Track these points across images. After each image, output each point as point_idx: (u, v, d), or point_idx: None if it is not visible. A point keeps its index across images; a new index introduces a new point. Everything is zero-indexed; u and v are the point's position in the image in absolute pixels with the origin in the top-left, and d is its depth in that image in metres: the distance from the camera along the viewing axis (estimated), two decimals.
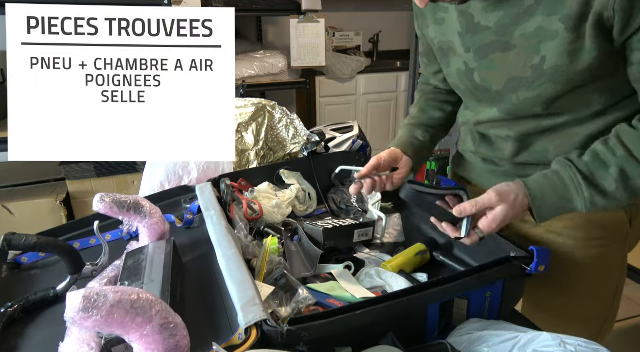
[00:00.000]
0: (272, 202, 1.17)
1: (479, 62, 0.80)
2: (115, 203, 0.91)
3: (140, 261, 0.84)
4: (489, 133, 0.90)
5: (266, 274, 0.87)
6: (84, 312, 0.53)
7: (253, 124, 1.47)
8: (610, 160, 0.69)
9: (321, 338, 0.65)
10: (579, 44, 0.68)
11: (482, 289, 0.76)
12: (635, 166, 0.68)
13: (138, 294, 0.58)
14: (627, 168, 0.68)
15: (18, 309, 0.79)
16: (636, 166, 0.68)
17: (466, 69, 0.84)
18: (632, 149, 0.68)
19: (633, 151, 0.68)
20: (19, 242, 0.81)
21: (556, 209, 0.73)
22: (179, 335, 0.61)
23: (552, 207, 0.73)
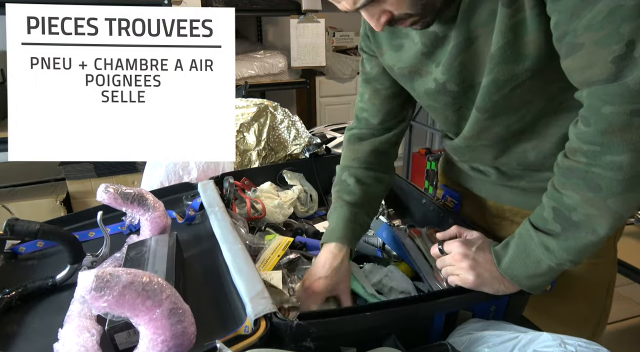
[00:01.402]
0: (274, 202, 1.17)
1: (449, 73, 0.77)
2: (119, 194, 0.91)
3: (143, 252, 0.84)
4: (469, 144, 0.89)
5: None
6: (96, 291, 0.54)
7: (255, 125, 1.47)
8: (544, 200, 0.68)
9: (328, 336, 0.66)
10: (519, 17, 0.65)
11: (487, 302, 0.76)
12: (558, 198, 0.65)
13: (150, 277, 0.58)
14: (555, 202, 0.65)
15: (15, 296, 0.79)
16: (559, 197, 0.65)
17: (436, 85, 0.81)
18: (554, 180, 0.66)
19: (555, 183, 0.66)
20: (22, 228, 0.80)
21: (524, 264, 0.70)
22: (187, 321, 0.61)
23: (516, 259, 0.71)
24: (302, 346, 0.64)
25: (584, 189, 0.62)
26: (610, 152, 0.58)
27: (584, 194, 0.62)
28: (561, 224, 0.65)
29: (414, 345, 0.70)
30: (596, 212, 0.62)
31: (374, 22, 0.70)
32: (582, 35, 0.58)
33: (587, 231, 0.63)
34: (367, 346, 0.68)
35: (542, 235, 0.67)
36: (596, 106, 0.58)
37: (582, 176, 0.62)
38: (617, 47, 0.55)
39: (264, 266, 0.89)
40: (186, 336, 0.61)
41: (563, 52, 0.63)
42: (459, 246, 0.77)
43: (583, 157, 0.61)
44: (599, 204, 0.61)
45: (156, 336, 0.59)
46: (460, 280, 0.75)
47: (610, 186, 0.60)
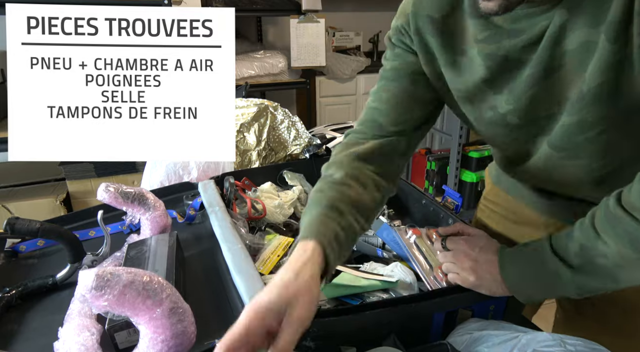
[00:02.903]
0: (275, 202, 1.17)
1: (515, 104, 0.67)
2: (120, 193, 0.91)
3: (143, 251, 0.84)
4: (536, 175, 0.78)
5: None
6: (97, 290, 0.54)
7: (255, 125, 1.47)
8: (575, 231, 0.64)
9: (328, 335, 0.66)
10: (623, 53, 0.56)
11: (487, 302, 0.77)
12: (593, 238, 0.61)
13: (150, 276, 0.58)
14: (586, 241, 0.62)
15: (15, 295, 0.79)
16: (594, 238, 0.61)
17: (495, 114, 0.70)
18: (595, 219, 0.62)
19: (595, 222, 0.62)
20: (22, 226, 0.81)
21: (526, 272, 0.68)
22: (187, 321, 0.61)
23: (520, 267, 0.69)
24: (302, 345, 0.65)
25: (626, 243, 0.58)
26: None
27: (623, 247, 0.58)
28: (583, 260, 0.62)
29: (413, 344, 0.70)
30: (626, 265, 0.59)
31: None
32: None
33: (608, 278, 0.61)
34: (367, 345, 0.68)
35: (559, 264, 0.64)
36: None
37: (629, 231, 0.57)
38: None
39: (264, 265, 0.89)
40: (186, 335, 0.61)
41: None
42: (463, 244, 0.76)
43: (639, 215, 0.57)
44: (634, 261, 0.58)
45: (156, 335, 0.59)
46: (460, 279, 0.74)
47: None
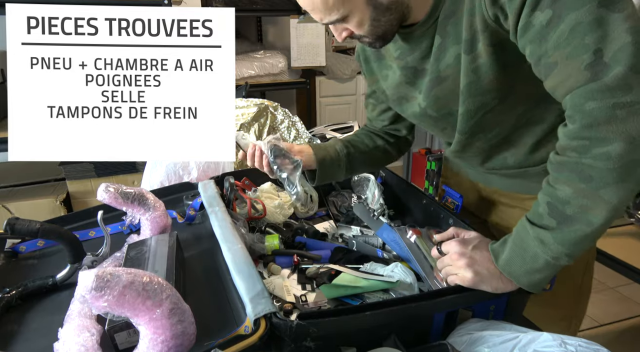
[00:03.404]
0: (275, 202, 1.17)
1: (427, 101, 0.89)
2: (119, 194, 0.91)
3: (143, 252, 0.84)
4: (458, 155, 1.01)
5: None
6: (97, 291, 0.54)
7: (255, 125, 1.47)
8: (539, 196, 0.70)
9: (328, 335, 0.66)
10: (477, 63, 0.76)
11: (487, 302, 0.76)
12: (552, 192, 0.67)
13: (150, 277, 0.58)
14: (549, 197, 0.67)
15: (16, 295, 0.79)
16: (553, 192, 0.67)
17: (420, 109, 0.92)
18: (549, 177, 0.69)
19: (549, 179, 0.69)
20: (22, 227, 0.80)
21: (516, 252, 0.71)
22: (187, 321, 0.61)
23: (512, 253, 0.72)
24: (302, 345, 0.65)
25: (576, 181, 0.64)
26: (598, 145, 0.61)
27: (576, 186, 0.64)
28: (556, 218, 0.66)
29: (414, 345, 0.70)
30: (589, 203, 0.63)
31: (337, 34, 0.84)
32: (553, 55, 0.64)
33: (582, 223, 0.65)
34: (367, 346, 0.68)
35: (538, 230, 0.68)
36: (579, 104, 0.62)
37: (573, 169, 0.64)
38: (587, 56, 0.61)
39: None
40: (186, 336, 0.61)
41: (542, 74, 0.69)
42: (456, 245, 0.78)
43: (573, 152, 0.64)
44: (592, 194, 0.63)
45: (156, 336, 0.59)
46: (459, 279, 0.75)
47: (601, 176, 0.62)
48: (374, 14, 0.77)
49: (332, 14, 0.77)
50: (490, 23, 0.71)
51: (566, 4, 0.62)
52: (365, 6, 0.76)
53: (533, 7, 0.64)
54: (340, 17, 0.77)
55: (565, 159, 0.65)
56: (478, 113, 0.84)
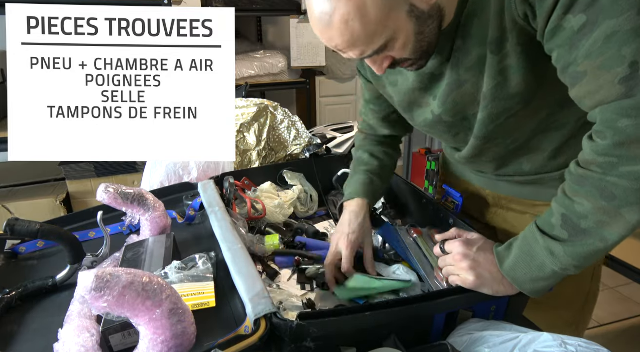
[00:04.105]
0: (275, 202, 1.17)
1: (444, 107, 0.83)
2: (119, 194, 0.91)
3: (140, 253, 0.84)
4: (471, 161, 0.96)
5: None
6: (96, 291, 0.54)
7: (255, 125, 1.47)
8: (553, 206, 0.68)
9: (328, 335, 0.66)
10: (505, 63, 0.71)
11: (488, 302, 0.76)
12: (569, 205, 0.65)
13: (150, 277, 0.58)
14: (565, 209, 0.66)
15: (16, 296, 0.79)
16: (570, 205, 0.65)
17: (433, 116, 0.87)
18: (566, 187, 0.67)
19: (566, 190, 0.67)
20: (22, 227, 0.80)
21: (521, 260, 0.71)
22: (187, 322, 0.61)
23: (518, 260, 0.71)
24: (302, 346, 0.64)
25: (597, 197, 0.62)
26: (627, 163, 0.59)
27: (597, 202, 0.62)
28: (569, 230, 0.65)
29: (414, 345, 0.70)
30: (608, 220, 0.62)
31: (376, 68, 0.74)
32: (583, 63, 0.60)
33: (596, 238, 0.63)
34: (367, 346, 0.68)
35: (548, 240, 0.67)
36: (612, 120, 0.59)
37: (596, 185, 0.62)
38: (621, 69, 0.57)
39: None
40: (186, 336, 0.61)
41: (568, 82, 0.65)
42: (460, 245, 0.77)
43: (598, 168, 0.62)
44: (612, 212, 0.61)
45: (156, 336, 0.59)
46: (460, 280, 0.75)
47: (625, 195, 0.60)
48: (417, 26, 0.68)
49: (374, 40, 0.67)
50: (519, 21, 0.66)
51: (602, 10, 0.57)
52: (408, 20, 0.66)
53: (565, 10, 0.60)
54: (384, 43, 0.68)
55: (588, 174, 0.63)
56: (500, 117, 0.78)
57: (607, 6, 0.56)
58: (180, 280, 0.76)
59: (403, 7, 0.65)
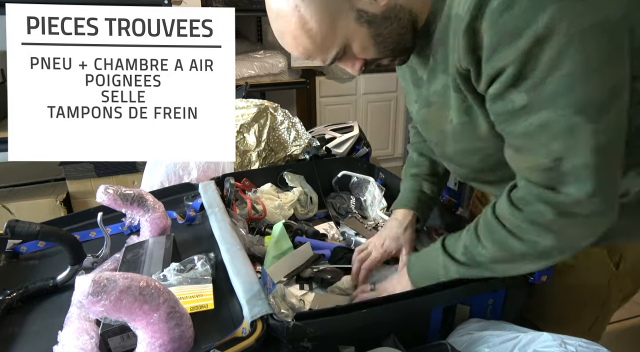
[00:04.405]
0: (275, 203, 1.17)
1: (418, 115, 0.85)
2: (119, 195, 0.91)
3: (139, 254, 0.84)
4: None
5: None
6: (93, 296, 0.54)
7: (255, 125, 1.47)
8: (462, 234, 0.76)
9: (326, 335, 0.66)
10: (468, 103, 0.70)
11: (484, 295, 0.77)
12: (475, 243, 0.72)
13: (147, 281, 0.58)
14: (469, 244, 0.73)
15: (16, 297, 0.79)
16: (476, 243, 0.72)
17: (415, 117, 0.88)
18: (478, 226, 0.73)
19: (478, 229, 0.73)
20: (22, 229, 0.80)
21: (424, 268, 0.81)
22: (184, 325, 0.61)
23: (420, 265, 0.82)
24: (299, 346, 0.64)
25: (499, 248, 0.70)
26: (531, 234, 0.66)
27: (497, 251, 0.70)
28: (467, 258, 0.74)
29: (413, 343, 0.70)
30: (500, 263, 0.71)
31: (351, 69, 0.75)
32: (517, 139, 0.64)
33: (486, 270, 0.73)
34: (365, 345, 0.68)
35: (447, 259, 0.76)
36: (531, 200, 0.65)
37: (501, 239, 0.69)
38: (547, 161, 0.61)
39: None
40: (184, 339, 0.61)
41: (505, 143, 0.68)
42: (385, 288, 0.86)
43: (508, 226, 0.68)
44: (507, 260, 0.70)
45: (154, 340, 0.59)
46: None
47: (521, 255, 0.68)
48: (372, 29, 0.67)
49: (328, 50, 0.69)
50: (462, 72, 0.66)
51: (543, 98, 0.58)
52: (358, 25, 0.67)
53: (511, 83, 0.60)
54: (339, 50, 0.69)
55: (498, 227, 0.69)
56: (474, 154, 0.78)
57: (548, 96, 0.57)
58: (179, 282, 0.76)
59: (350, 15, 0.65)
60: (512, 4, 0.55)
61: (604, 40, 0.55)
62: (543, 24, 0.54)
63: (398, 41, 0.70)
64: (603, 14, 0.54)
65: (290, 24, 0.66)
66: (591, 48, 0.55)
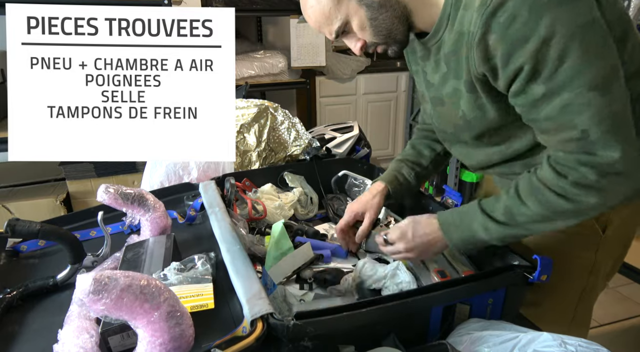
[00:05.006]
0: (275, 203, 1.17)
1: (433, 111, 0.97)
2: (119, 195, 0.91)
3: (140, 253, 0.84)
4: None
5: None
6: (94, 294, 0.54)
7: (255, 125, 1.47)
8: (502, 196, 0.81)
9: (326, 335, 0.66)
10: (480, 101, 0.82)
11: (484, 295, 0.77)
12: (517, 204, 0.78)
13: (147, 280, 0.58)
14: (511, 204, 0.78)
15: (16, 296, 0.79)
16: (518, 204, 0.78)
17: (430, 114, 0.99)
18: (520, 189, 0.79)
19: (520, 192, 0.78)
20: (23, 228, 0.81)
21: (461, 230, 0.84)
22: (185, 324, 0.61)
23: (457, 227, 0.85)
24: (299, 345, 0.64)
25: (544, 207, 0.75)
26: (577, 196, 0.73)
27: (542, 210, 0.76)
28: (507, 218, 0.79)
29: (413, 343, 0.70)
30: (541, 222, 0.77)
31: (352, 47, 0.88)
32: (545, 123, 0.74)
33: (525, 230, 0.79)
34: (365, 344, 0.68)
35: (486, 218, 0.81)
36: (572, 166, 0.73)
37: (548, 200, 0.75)
38: (575, 133, 0.70)
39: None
40: (184, 338, 0.61)
41: (534, 129, 0.79)
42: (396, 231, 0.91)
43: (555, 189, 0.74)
44: (548, 219, 0.76)
45: (154, 339, 0.59)
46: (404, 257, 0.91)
47: (567, 213, 0.75)
48: (369, 12, 0.81)
49: (334, 22, 0.83)
50: (479, 77, 0.77)
51: (559, 83, 0.69)
52: (359, 6, 0.81)
53: (529, 78, 0.70)
54: (342, 24, 0.83)
55: (545, 190, 0.75)
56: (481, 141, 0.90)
57: (563, 81, 0.68)
58: (179, 281, 0.76)
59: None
60: (515, 18, 0.67)
61: (596, 33, 0.67)
62: (545, 28, 0.66)
63: (391, 29, 0.82)
64: (589, 15, 0.66)
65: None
66: (588, 39, 0.67)
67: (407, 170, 1.11)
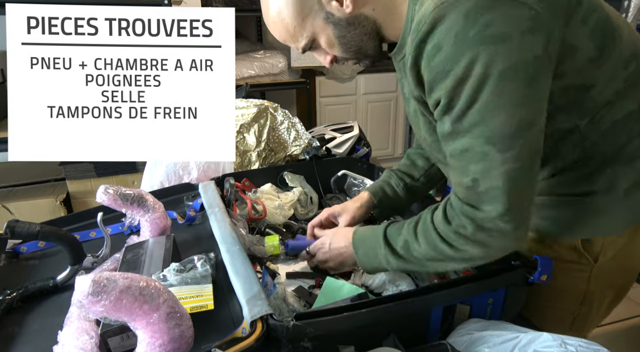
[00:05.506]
0: (275, 203, 1.17)
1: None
2: (119, 195, 0.91)
3: (139, 254, 0.84)
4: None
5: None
6: (93, 296, 0.53)
7: (255, 125, 1.47)
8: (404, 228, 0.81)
9: (326, 335, 0.66)
10: (433, 124, 0.79)
11: (484, 295, 0.77)
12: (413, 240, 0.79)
13: (147, 281, 0.58)
14: (409, 239, 0.79)
15: (16, 297, 0.79)
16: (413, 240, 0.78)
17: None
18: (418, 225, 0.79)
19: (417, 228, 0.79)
20: (22, 229, 0.80)
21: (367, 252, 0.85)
22: (184, 325, 0.61)
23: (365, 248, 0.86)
24: (299, 346, 0.64)
25: (431, 248, 0.76)
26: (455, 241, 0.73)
27: (429, 251, 0.77)
28: (404, 253, 0.80)
29: (412, 343, 0.70)
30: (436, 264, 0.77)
31: (322, 60, 0.85)
32: (449, 158, 0.74)
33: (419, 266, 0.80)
34: (365, 345, 0.68)
35: (388, 252, 0.81)
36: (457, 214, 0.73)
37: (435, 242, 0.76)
38: (467, 180, 0.70)
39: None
40: (184, 339, 0.61)
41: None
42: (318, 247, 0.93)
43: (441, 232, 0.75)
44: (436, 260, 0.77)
45: (154, 340, 0.59)
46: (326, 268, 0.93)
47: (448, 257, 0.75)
48: (337, 31, 0.77)
49: (300, 39, 0.80)
50: (418, 99, 0.78)
51: (465, 125, 0.68)
52: (325, 25, 0.77)
53: (443, 112, 0.70)
54: (308, 41, 0.80)
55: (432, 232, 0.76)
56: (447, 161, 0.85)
57: (467, 126, 0.67)
58: (179, 282, 0.76)
59: (319, 15, 0.76)
60: (440, 49, 0.65)
61: (517, 80, 0.63)
62: (463, 67, 0.64)
63: (360, 46, 0.80)
64: (517, 57, 0.62)
65: (267, 15, 0.79)
66: (503, 87, 0.63)
67: (395, 180, 1.08)
